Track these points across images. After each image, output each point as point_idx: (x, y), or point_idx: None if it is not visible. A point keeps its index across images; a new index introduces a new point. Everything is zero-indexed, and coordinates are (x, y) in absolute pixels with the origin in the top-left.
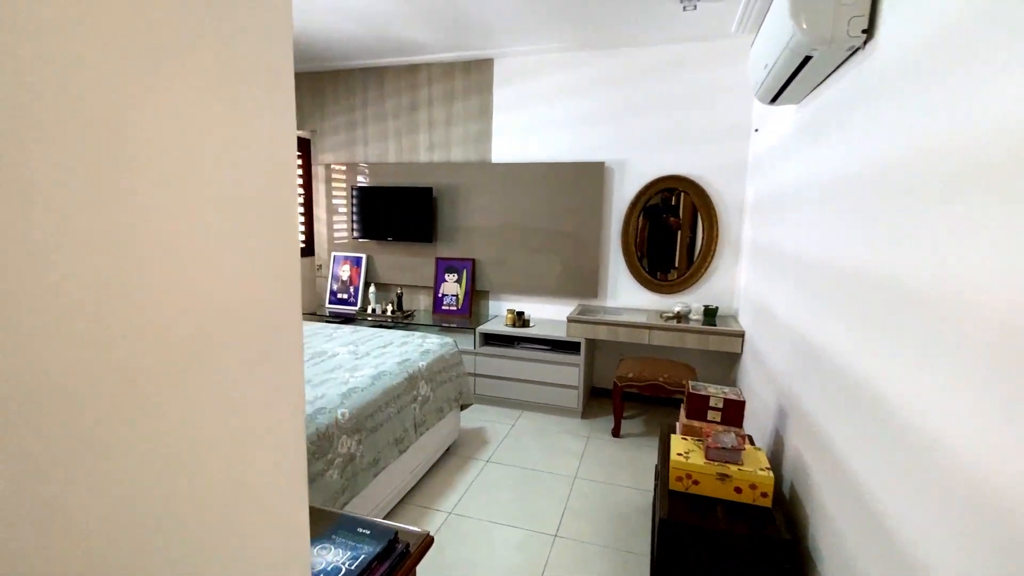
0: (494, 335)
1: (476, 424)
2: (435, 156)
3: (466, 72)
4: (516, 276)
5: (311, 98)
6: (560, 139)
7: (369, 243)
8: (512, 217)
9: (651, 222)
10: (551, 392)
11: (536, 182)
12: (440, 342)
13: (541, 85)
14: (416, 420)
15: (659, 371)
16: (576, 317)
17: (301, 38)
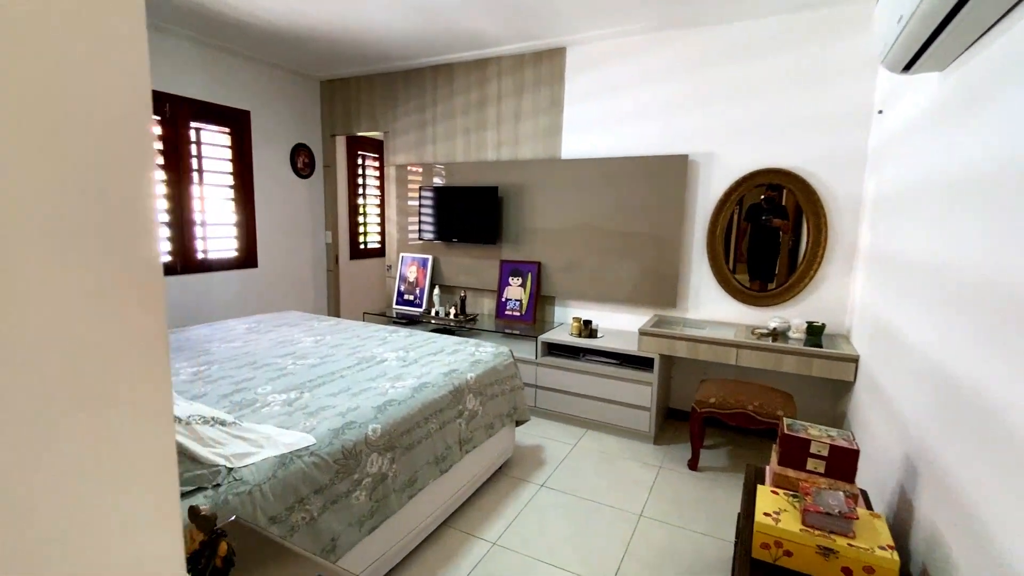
0: (558, 345)
1: (534, 440)
2: (502, 154)
3: (536, 63)
4: (585, 281)
5: (384, 99)
6: (638, 131)
7: (435, 244)
8: (582, 217)
9: (744, 223)
10: (619, 412)
11: (609, 179)
12: (494, 352)
13: (617, 72)
14: (461, 437)
15: (748, 397)
16: (650, 330)
17: (368, 37)
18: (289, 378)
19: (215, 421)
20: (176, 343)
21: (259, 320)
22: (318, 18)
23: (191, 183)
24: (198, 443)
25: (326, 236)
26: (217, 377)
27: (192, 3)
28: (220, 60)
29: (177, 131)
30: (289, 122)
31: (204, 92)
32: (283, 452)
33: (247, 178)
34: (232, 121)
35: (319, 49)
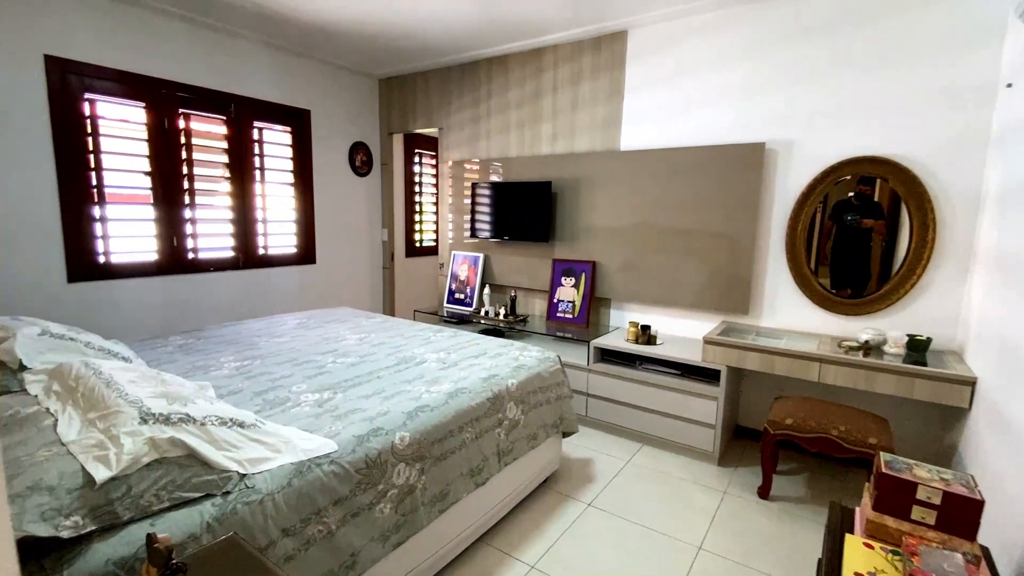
0: (612, 351)
1: (583, 452)
2: (557, 147)
3: (595, 49)
4: (644, 283)
5: (440, 95)
6: (706, 118)
7: (486, 242)
8: (642, 214)
9: (831, 219)
10: (680, 428)
11: (673, 172)
12: (539, 356)
13: (683, 55)
14: (500, 448)
15: (833, 420)
16: (717, 338)
17: (424, 31)
18: (325, 377)
19: (233, 423)
20: (229, 336)
21: (310, 316)
22: (376, 15)
23: (254, 181)
24: (211, 445)
25: (382, 234)
26: (257, 373)
27: (264, 8)
28: (285, 61)
29: (241, 131)
30: (348, 120)
31: (268, 92)
32: (301, 459)
33: (307, 176)
34: (293, 120)
35: (377, 47)
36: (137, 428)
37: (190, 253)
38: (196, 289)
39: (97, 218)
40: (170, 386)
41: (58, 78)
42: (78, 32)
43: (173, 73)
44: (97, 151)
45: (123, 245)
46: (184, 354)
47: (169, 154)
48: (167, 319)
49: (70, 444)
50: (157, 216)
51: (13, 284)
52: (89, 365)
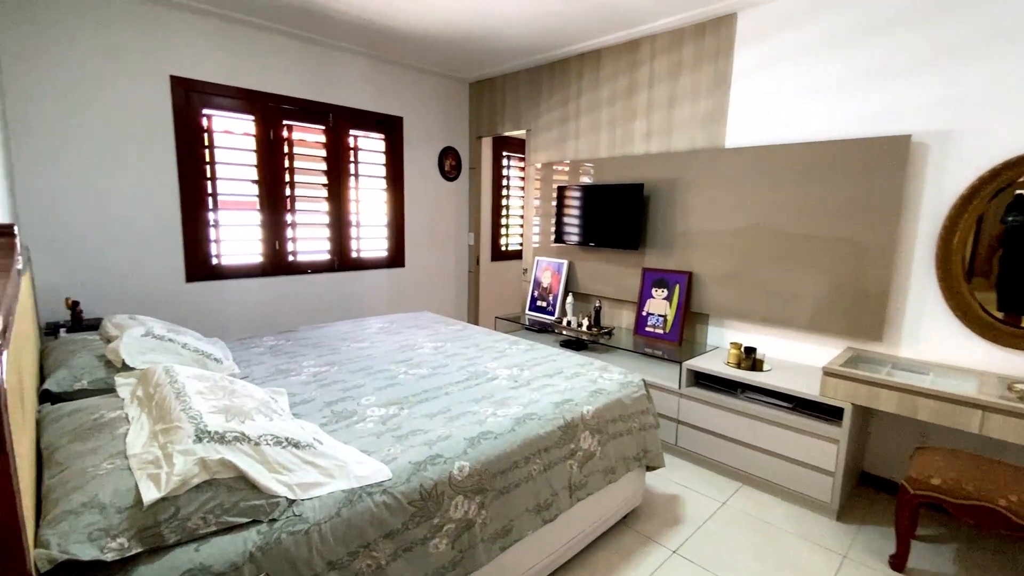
0: (709, 375)
1: (670, 487)
2: (652, 146)
3: (698, 36)
4: (749, 298)
5: (528, 96)
6: (831, 108)
7: (571, 248)
8: (749, 219)
9: (1003, 229)
10: (790, 471)
11: (788, 171)
12: (621, 380)
13: (805, 34)
14: (572, 482)
15: (998, 486)
16: (840, 370)
17: (515, 28)
18: (396, 389)
19: (288, 443)
20: (316, 339)
21: (393, 320)
22: (466, 17)
23: (348, 187)
24: (263, 467)
25: (469, 238)
26: (331, 380)
27: (366, 21)
28: (380, 70)
29: (338, 139)
30: (438, 126)
31: (364, 101)
32: (353, 486)
33: (398, 181)
34: (387, 127)
35: (468, 49)
36: (191, 447)
37: (290, 256)
38: (295, 289)
39: (211, 223)
40: (236, 397)
41: (181, 96)
42: (199, 53)
43: (279, 87)
44: (212, 162)
45: (232, 248)
46: (272, 356)
47: (273, 163)
48: (268, 317)
49: (131, 458)
50: (262, 221)
51: (141, 282)
52: (169, 372)
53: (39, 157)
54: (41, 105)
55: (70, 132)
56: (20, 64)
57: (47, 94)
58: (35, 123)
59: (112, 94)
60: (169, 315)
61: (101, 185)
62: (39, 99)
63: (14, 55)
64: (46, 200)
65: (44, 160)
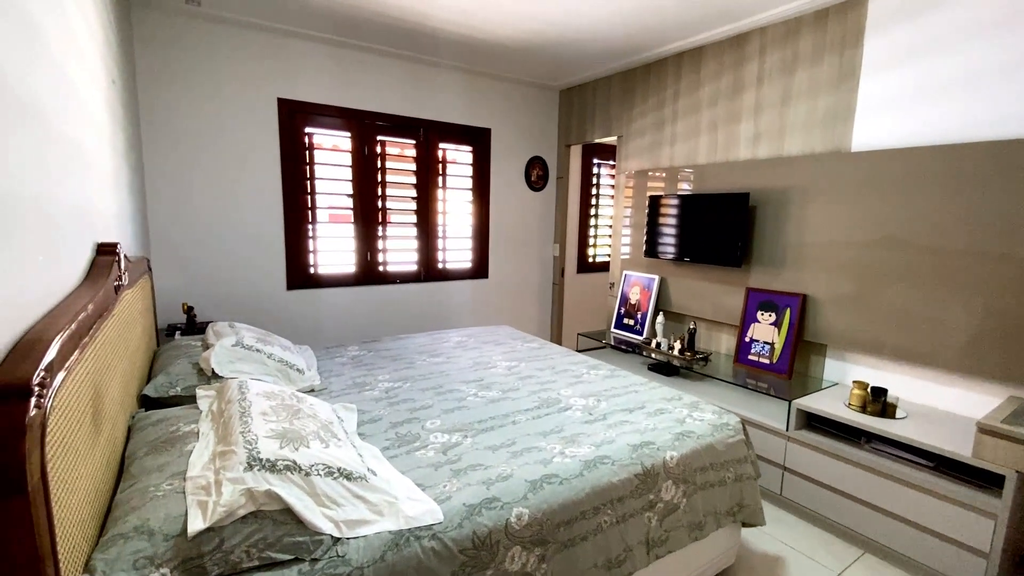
0: (825, 418)
1: (772, 545)
2: (759, 151)
3: (818, 24)
4: (878, 327)
5: (620, 101)
6: (991, 103)
7: (663, 262)
8: (879, 233)
9: None
10: (928, 544)
11: (930, 178)
12: (714, 422)
13: (956, 15)
14: (650, 537)
15: None
16: (1002, 428)
17: (604, 29)
18: (463, 413)
19: (340, 473)
20: (395, 350)
21: (471, 334)
22: (551, 23)
23: (436, 199)
24: (311, 499)
25: (554, 249)
26: (401, 399)
27: (460, 35)
28: (471, 82)
29: (428, 152)
30: (526, 136)
31: (454, 114)
32: (402, 527)
33: (484, 192)
34: (475, 139)
35: (555, 56)
36: (241, 475)
37: (380, 266)
38: (384, 298)
39: (310, 235)
40: (299, 419)
41: (286, 116)
42: (304, 76)
43: (374, 104)
44: (312, 177)
45: (328, 258)
46: (352, 367)
47: (367, 177)
48: (358, 324)
49: (188, 480)
50: (356, 232)
51: (247, 289)
52: (242, 388)
53: (166, 173)
54: (168, 124)
55: (191, 151)
56: (153, 87)
57: (173, 115)
58: (163, 140)
59: (228, 116)
60: (270, 320)
61: (217, 200)
62: (168, 119)
63: (148, 79)
64: (170, 213)
65: (169, 176)
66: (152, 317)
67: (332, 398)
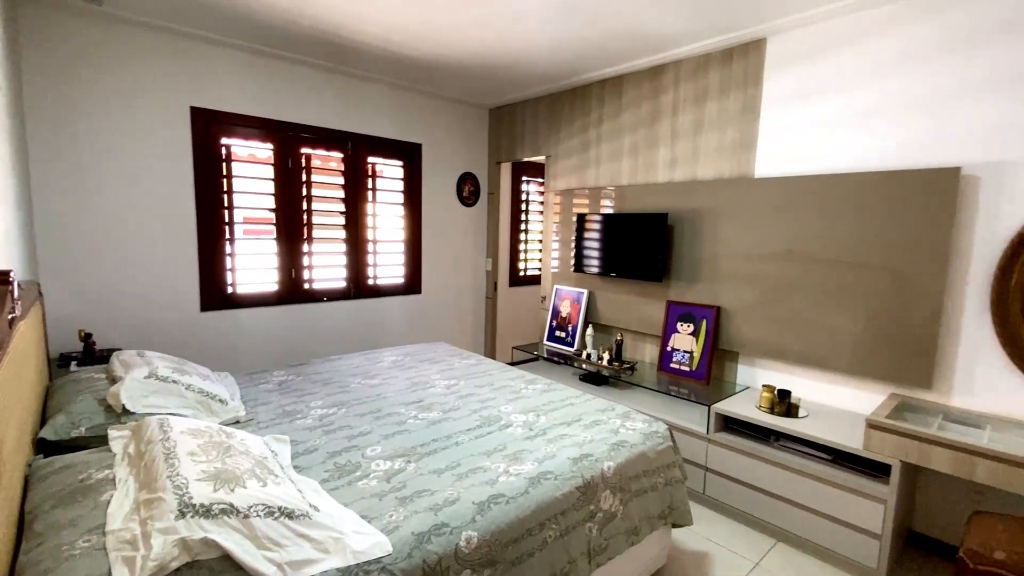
0: (739, 420)
1: (698, 543)
2: (676, 174)
3: (725, 63)
4: (782, 336)
5: (548, 122)
6: (870, 137)
7: (591, 277)
8: (780, 253)
9: None
10: (831, 530)
11: (823, 203)
12: (645, 431)
13: (842, 60)
14: (591, 547)
15: None
16: (886, 423)
17: (537, 56)
18: (404, 437)
19: (281, 512)
20: (327, 374)
21: (407, 352)
22: (489, 47)
23: (366, 214)
24: (251, 543)
25: (486, 263)
26: (337, 426)
27: (391, 52)
28: (401, 98)
29: (357, 166)
30: (457, 152)
31: (384, 129)
32: (349, 563)
33: (416, 207)
34: (406, 154)
35: (488, 77)
36: (172, 524)
37: (306, 284)
38: (310, 318)
39: (228, 252)
40: (231, 456)
41: (201, 126)
42: (219, 84)
43: (299, 115)
44: (230, 191)
45: (248, 276)
46: (280, 394)
47: (291, 191)
48: (283, 346)
49: (109, 535)
50: (279, 249)
51: (155, 312)
52: (163, 426)
53: (57, 184)
54: (61, 131)
55: (88, 159)
56: (43, 91)
57: (67, 121)
58: (54, 148)
59: (132, 124)
60: (181, 345)
61: (118, 216)
62: (60, 125)
63: (37, 82)
64: (62, 229)
65: (61, 187)
66: (44, 348)
67: (261, 429)
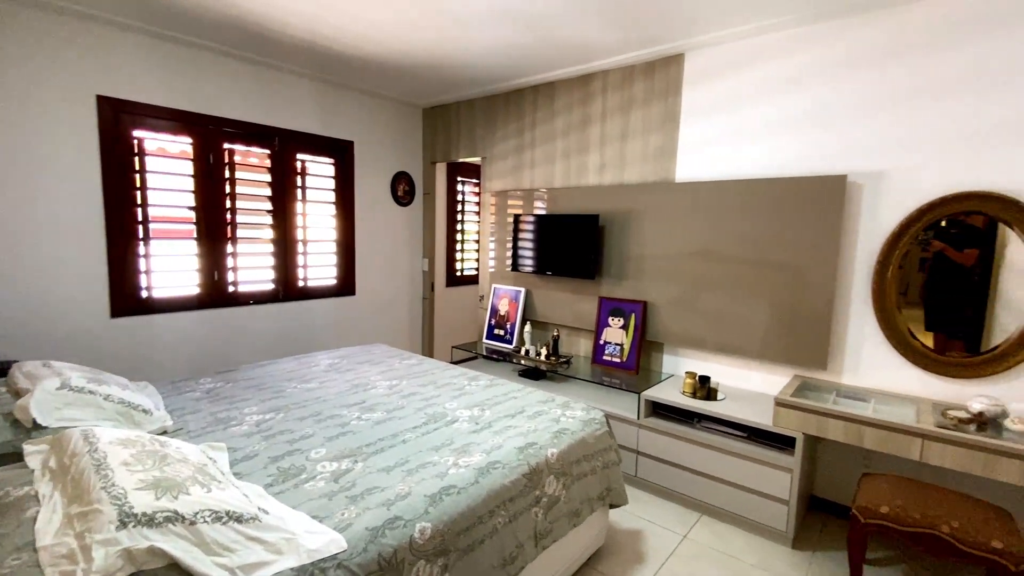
0: (666, 405)
1: (632, 522)
2: (605, 178)
3: (648, 75)
4: (702, 327)
5: (484, 124)
6: (775, 147)
7: (528, 276)
8: (699, 251)
9: (931, 263)
10: (746, 500)
11: (736, 205)
12: (584, 418)
13: (748, 78)
14: (537, 530)
15: (941, 512)
16: (791, 400)
17: (473, 58)
18: (348, 438)
19: (229, 517)
20: (259, 379)
21: (344, 355)
22: (425, 47)
23: (295, 213)
24: (200, 550)
25: (423, 263)
26: (276, 431)
27: (305, 41)
28: (330, 94)
29: (284, 163)
30: (391, 151)
31: (312, 125)
32: (304, 563)
33: (348, 207)
34: (337, 152)
35: (424, 77)
36: (113, 535)
37: (231, 286)
38: (236, 323)
39: (141, 253)
40: (169, 464)
41: (110, 117)
42: (130, 72)
43: (220, 108)
44: (144, 187)
45: (166, 279)
46: (210, 402)
47: (213, 188)
48: (207, 354)
49: (41, 550)
50: (199, 250)
51: (60, 319)
52: (88, 437)
53: None
54: None
55: None
56: None
57: None
58: None
59: (31, 113)
60: (92, 355)
61: (8, 215)
62: None
63: None
64: None
65: None
66: None
67: (193, 439)
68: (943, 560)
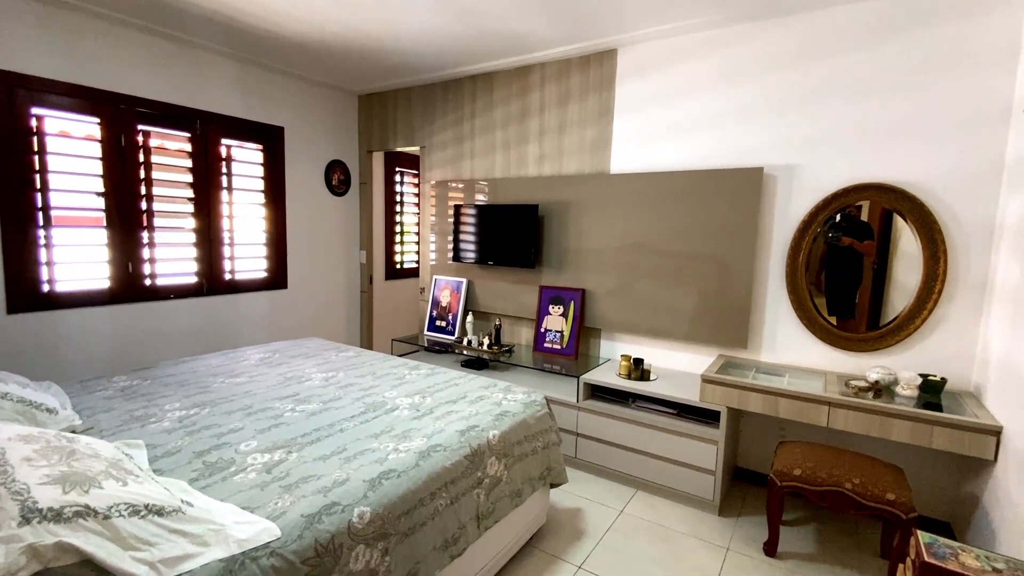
0: (603, 387)
1: (572, 500)
2: (544, 169)
3: (583, 68)
4: (635, 313)
5: (422, 113)
6: (701, 142)
7: (470, 266)
8: (633, 239)
9: (834, 249)
10: (677, 473)
11: (666, 196)
12: (524, 401)
13: (676, 75)
14: (480, 511)
15: (845, 471)
16: (715, 376)
17: (406, 45)
18: (281, 430)
19: (148, 510)
20: (181, 376)
21: (275, 349)
22: (356, 29)
23: (220, 201)
24: (116, 545)
25: (360, 256)
26: (202, 426)
27: (223, 16)
28: (257, 76)
29: (207, 149)
30: (324, 138)
31: (238, 108)
32: (234, 552)
33: (279, 196)
34: (266, 137)
35: (357, 62)
36: (15, 531)
37: (147, 279)
38: (154, 319)
39: (42, 243)
40: (78, 459)
41: (3, 92)
42: (27, 43)
43: (133, 87)
44: (44, 170)
45: (71, 272)
46: (125, 400)
47: (126, 173)
48: (120, 353)
49: None
50: (110, 240)
51: None
52: None
53: None
54: None
55: None
56: None
57: None
58: None
59: None
60: None
61: None
62: None
63: None
64: None
65: None
66: None
67: (105, 437)
68: (847, 514)
